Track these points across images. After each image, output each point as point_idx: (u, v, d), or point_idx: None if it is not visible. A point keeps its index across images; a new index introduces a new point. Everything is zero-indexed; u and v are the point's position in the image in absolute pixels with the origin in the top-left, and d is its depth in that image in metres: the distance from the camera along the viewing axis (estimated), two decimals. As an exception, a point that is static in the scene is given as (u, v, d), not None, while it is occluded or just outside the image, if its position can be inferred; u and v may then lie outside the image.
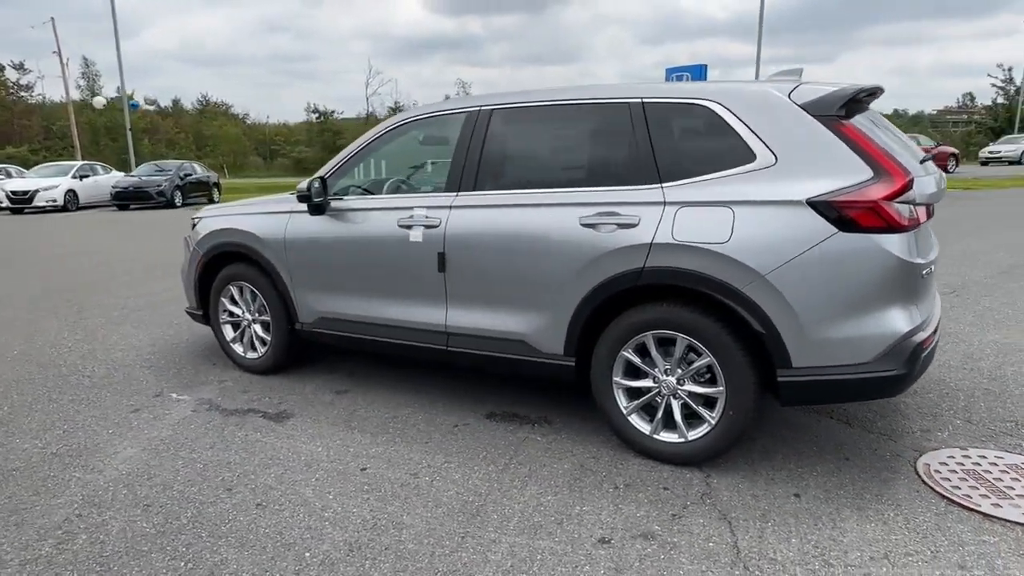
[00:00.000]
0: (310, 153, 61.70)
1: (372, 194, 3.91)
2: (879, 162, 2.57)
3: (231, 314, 4.38)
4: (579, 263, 2.99)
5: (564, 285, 3.04)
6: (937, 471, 2.88)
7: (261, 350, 4.27)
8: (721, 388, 2.80)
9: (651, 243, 2.81)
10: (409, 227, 3.47)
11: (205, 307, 4.50)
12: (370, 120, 66.49)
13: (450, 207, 3.36)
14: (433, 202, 3.44)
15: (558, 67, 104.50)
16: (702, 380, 2.90)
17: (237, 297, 4.30)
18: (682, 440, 2.93)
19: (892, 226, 2.51)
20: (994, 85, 48.68)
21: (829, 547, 2.37)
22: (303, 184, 3.71)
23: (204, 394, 4.01)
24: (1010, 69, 47.63)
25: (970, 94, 68.65)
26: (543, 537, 2.48)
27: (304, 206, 3.86)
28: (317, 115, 64.76)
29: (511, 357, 3.29)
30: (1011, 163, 30.47)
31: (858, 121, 2.72)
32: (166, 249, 10.57)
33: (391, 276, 3.57)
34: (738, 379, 2.76)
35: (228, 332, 4.42)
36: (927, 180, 2.75)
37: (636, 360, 2.98)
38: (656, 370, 2.96)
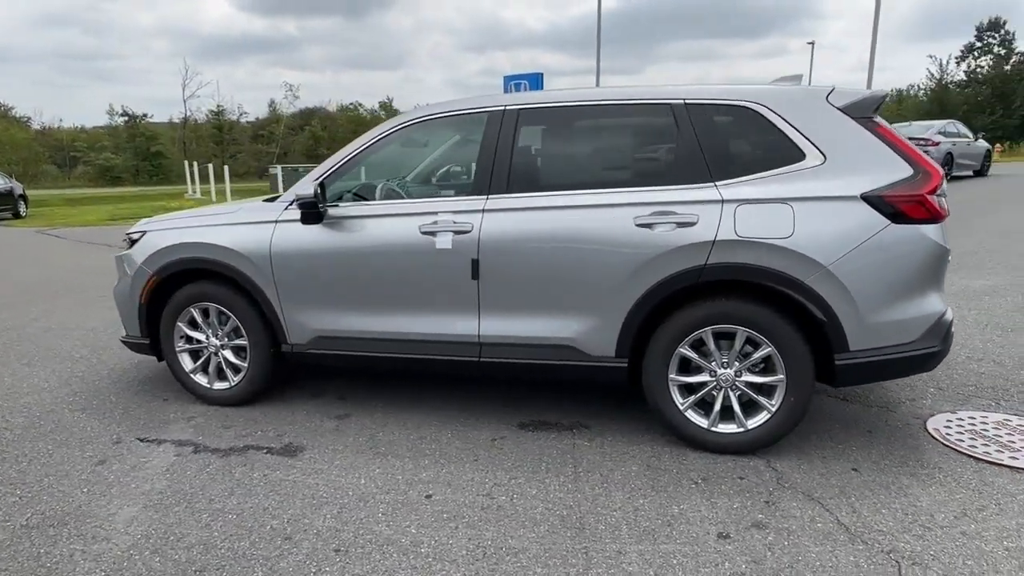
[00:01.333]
0: (119, 160, 55.52)
1: (365, 199, 3.61)
2: (915, 159, 2.84)
3: (191, 340, 3.82)
4: (635, 263, 2.98)
5: (618, 286, 3.02)
6: (948, 434, 3.23)
7: (234, 378, 3.77)
8: (781, 376, 2.94)
9: (714, 240, 2.88)
10: (434, 233, 3.25)
11: (154, 335, 3.88)
12: (188, 124, 61.17)
13: (483, 211, 3.20)
14: (460, 206, 3.25)
15: (382, 73, 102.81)
16: (757, 370, 3.02)
17: (200, 320, 3.76)
18: (742, 430, 3.03)
19: (934, 217, 2.79)
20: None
21: (915, 513, 2.58)
22: (305, 189, 3.34)
23: (176, 435, 3.46)
24: (794, 84, 54.63)
25: None
26: (663, 541, 2.44)
27: (293, 215, 3.48)
28: (126, 118, 58.49)
29: (556, 363, 3.20)
30: None
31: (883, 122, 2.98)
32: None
33: (411, 287, 3.32)
34: (798, 366, 2.90)
35: (187, 362, 3.85)
36: None
37: (693, 356, 3.04)
38: (713, 364, 3.03)
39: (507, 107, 3.29)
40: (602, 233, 3.03)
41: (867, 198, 2.79)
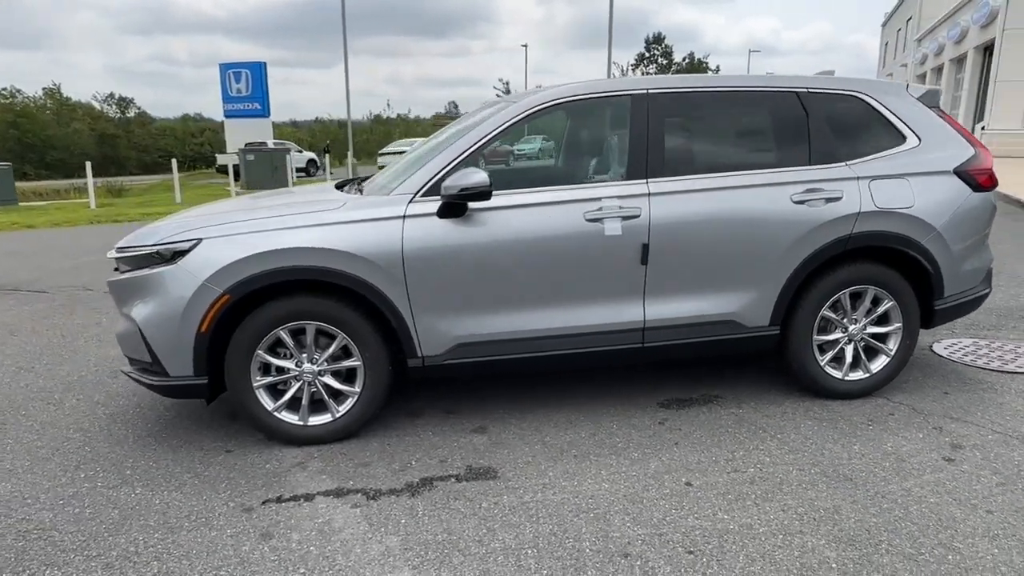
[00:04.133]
0: None
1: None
2: (972, 141, 3.58)
3: (270, 370, 3.08)
4: (793, 237, 3.25)
5: (778, 259, 3.27)
6: (960, 358, 4.13)
7: (340, 408, 3.14)
8: (899, 324, 3.48)
9: (858, 212, 3.29)
10: (600, 220, 3.12)
11: (215, 371, 3.04)
12: None
13: (648, 195, 3.17)
14: (622, 191, 3.17)
15: (18, 53, 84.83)
16: (875, 321, 3.52)
17: (290, 345, 3.05)
18: (867, 375, 3.52)
19: (994, 185, 3.56)
20: (498, 95, 59.56)
21: (1020, 412, 3.31)
22: (472, 177, 2.91)
23: (313, 486, 2.80)
24: (508, 83, 59.21)
25: (454, 103, 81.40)
26: (918, 472, 2.79)
27: (423, 208, 3.05)
28: None
29: (716, 339, 3.34)
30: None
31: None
32: None
33: (575, 278, 3.15)
34: (912, 313, 3.47)
35: (266, 399, 3.09)
36: None
37: (832, 316, 3.43)
38: (845, 320, 3.46)
39: (649, 90, 3.29)
40: (764, 211, 3.24)
41: (957, 172, 3.44)
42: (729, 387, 3.74)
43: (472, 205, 3.07)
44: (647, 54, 57.24)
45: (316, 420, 3.15)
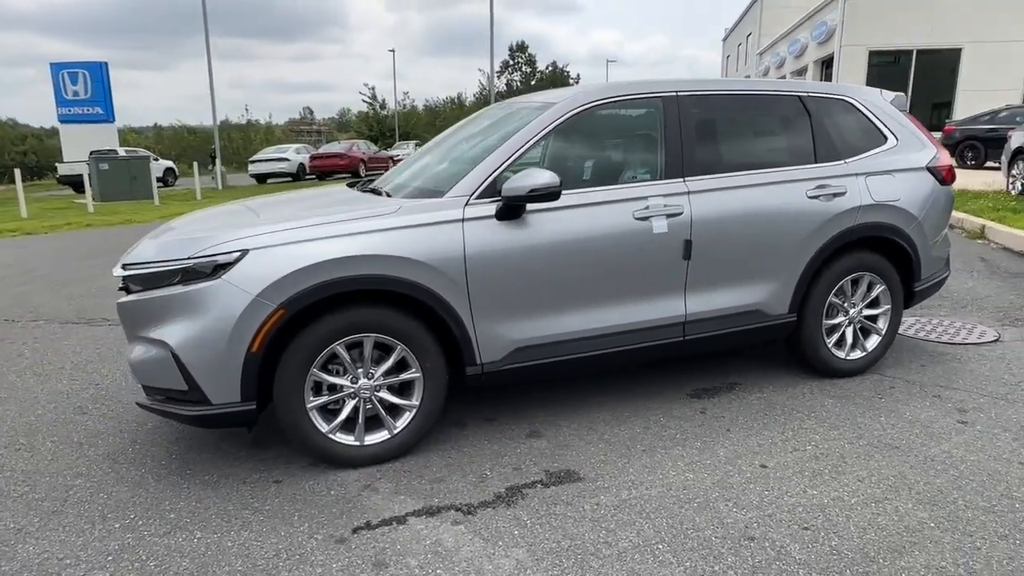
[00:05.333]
0: None
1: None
2: (932, 141, 4.04)
3: (321, 390, 2.86)
4: (809, 229, 3.51)
5: (797, 250, 3.51)
6: (914, 334, 4.64)
7: (398, 424, 2.97)
8: (888, 307, 3.86)
9: (860, 205, 3.61)
10: (647, 218, 3.20)
11: (263, 393, 2.77)
12: None
13: (687, 192, 3.29)
14: (665, 190, 3.27)
15: None
16: (867, 305, 3.87)
17: (347, 360, 2.84)
18: (864, 354, 3.86)
19: (953, 179, 4.04)
20: (364, 100, 58.05)
21: (995, 377, 3.78)
22: (538, 177, 2.85)
23: (395, 508, 2.63)
24: (373, 88, 58.03)
25: (309, 108, 78.92)
26: (944, 438, 3.10)
27: (481, 210, 2.98)
28: None
29: (746, 328, 3.52)
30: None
31: None
32: None
33: (626, 276, 3.20)
34: (898, 296, 3.86)
35: (320, 421, 2.86)
36: None
37: (836, 301, 3.74)
38: (847, 305, 3.78)
39: (679, 93, 3.41)
40: (786, 206, 3.47)
41: (929, 168, 3.87)
42: (741, 374, 3.95)
43: (529, 206, 3.03)
44: (511, 62, 58.50)
45: (372, 439, 2.96)
